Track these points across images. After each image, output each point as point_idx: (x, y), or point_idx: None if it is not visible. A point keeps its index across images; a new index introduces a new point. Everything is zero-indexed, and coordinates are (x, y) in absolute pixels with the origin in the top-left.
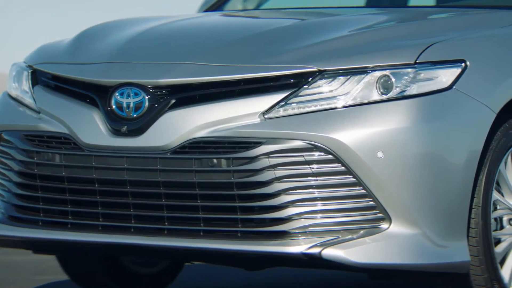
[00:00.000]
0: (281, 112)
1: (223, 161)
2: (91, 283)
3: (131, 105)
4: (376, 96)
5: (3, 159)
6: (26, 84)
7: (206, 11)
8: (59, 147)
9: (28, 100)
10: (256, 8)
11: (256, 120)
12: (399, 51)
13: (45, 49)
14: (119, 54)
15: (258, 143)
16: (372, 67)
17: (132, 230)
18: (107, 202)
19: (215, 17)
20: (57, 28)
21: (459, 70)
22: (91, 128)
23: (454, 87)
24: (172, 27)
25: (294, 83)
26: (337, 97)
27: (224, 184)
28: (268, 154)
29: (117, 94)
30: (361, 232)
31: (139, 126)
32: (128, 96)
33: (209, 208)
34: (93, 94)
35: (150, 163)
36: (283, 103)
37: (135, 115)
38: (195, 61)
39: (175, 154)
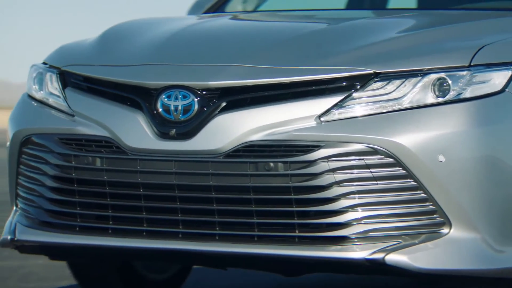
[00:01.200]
0: (337, 115)
1: (280, 165)
2: None
3: (179, 107)
4: (431, 98)
5: (33, 163)
6: (54, 86)
7: (206, 12)
8: (99, 150)
9: (58, 102)
10: (264, 10)
11: (312, 123)
12: (453, 54)
13: (68, 50)
14: (160, 56)
15: (317, 147)
16: (428, 70)
17: (180, 235)
18: (153, 207)
19: (240, 18)
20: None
21: (510, 73)
22: (136, 131)
23: (506, 90)
24: (205, 29)
25: (350, 86)
26: (394, 100)
27: (281, 189)
28: (328, 158)
29: (163, 96)
30: (422, 237)
31: (189, 129)
32: (176, 98)
33: (264, 213)
34: (136, 97)
35: (201, 167)
36: (339, 106)
37: (183, 118)
38: (245, 63)
39: (228, 157)
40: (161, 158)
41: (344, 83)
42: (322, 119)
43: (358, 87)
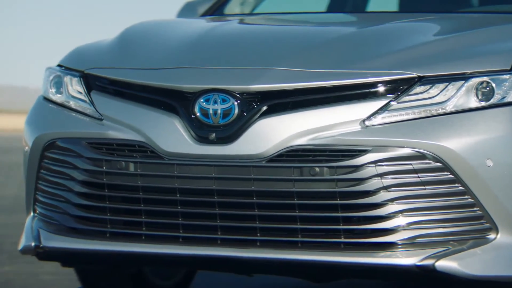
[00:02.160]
0: (382, 119)
1: (326, 170)
2: None
3: (219, 111)
4: (474, 102)
5: (58, 168)
6: (75, 90)
7: (204, 15)
8: (132, 155)
9: (84, 106)
10: (273, 13)
11: (357, 127)
12: (494, 57)
13: (86, 52)
14: (194, 59)
15: (364, 151)
16: (470, 73)
17: (219, 242)
18: (190, 212)
19: (261, 21)
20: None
21: None
22: (172, 136)
23: None
24: (231, 32)
25: (393, 89)
26: (438, 104)
27: (326, 194)
28: (375, 163)
29: (201, 100)
30: (470, 243)
31: (229, 133)
32: (215, 102)
33: (308, 218)
34: (171, 100)
35: (243, 172)
36: (383, 110)
37: (223, 122)
38: (284, 66)
39: (271, 162)
40: (200, 162)
41: (388, 87)
42: (366, 123)
43: (402, 91)
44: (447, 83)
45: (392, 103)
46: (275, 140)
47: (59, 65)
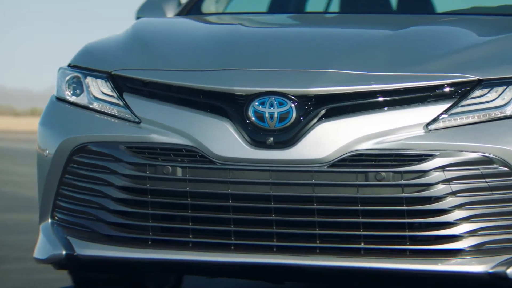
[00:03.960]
0: (444, 122)
1: (391, 175)
2: None
3: (275, 115)
4: None
5: (91, 173)
6: (102, 91)
7: (179, 14)
8: (179, 160)
9: (116, 108)
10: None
11: (420, 131)
12: None
13: (102, 51)
14: (238, 60)
15: (431, 156)
16: None
17: (275, 249)
18: (243, 219)
19: (293, 21)
20: None
21: None
22: (224, 140)
23: None
24: (264, 31)
25: (454, 93)
26: (499, 107)
27: (392, 199)
28: (443, 168)
29: (256, 103)
30: None
31: (288, 137)
32: (271, 105)
33: (372, 225)
34: (220, 103)
35: (303, 177)
36: (445, 113)
37: (279, 126)
38: (340, 68)
39: (333, 167)
40: (256, 167)
41: (449, 90)
42: (430, 127)
43: (463, 94)
44: (505, 86)
45: (454, 106)
46: (337, 144)
47: (74, 66)
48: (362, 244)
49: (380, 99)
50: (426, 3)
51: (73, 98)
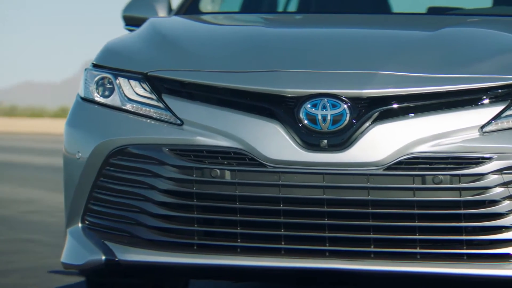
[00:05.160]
0: (498, 125)
1: (448, 178)
2: None
3: (328, 117)
4: None
5: (130, 177)
6: (138, 93)
7: (177, 14)
8: (227, 162)
9: (155, 110)
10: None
11: (475, 134)
12: None
13: (128, 51)
14: (283, 61)
15: (488, 159)
16: None
17: (327, 254)
18: (295, 223)
19: (315, 20)
20: None
21: None
22: (275, 142)
23: None
24: (300, 31)
25: (506, 95)
26: None
27: (449, 203)
28: (501, 171)
29: (308, 105)
30: None
31: (342, 140)
32: (324, 108)
33: (429, 229)
34: (269, 105)
35: (358, 180)
36: (500, 115)
37: (332, 129)
38: (392, 70)
39: (389, 170)
40: (309, 170)
41: (501, 92)
42: (484, 129)
43: None
44: None
45: (507, 108)
46: (393, 147)
47: (100, 66)
48: (418, 248)
49: (435, 101)
50: (384, 3)
51: (102, 99)
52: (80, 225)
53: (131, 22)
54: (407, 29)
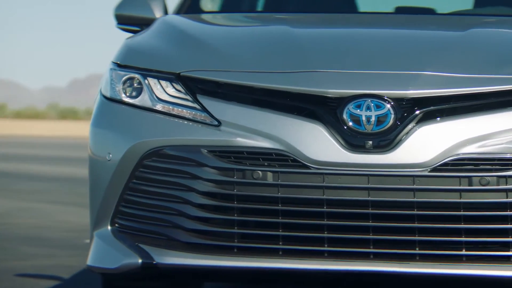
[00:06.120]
0: None
1: (495, 179)
2: None
3: (373, 118)
4: None
5: (166, 178)
6: (169, 93)
7: (178, 13)
8: (267, 164)
9: (189, 111)
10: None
11: None
12: None
13: (153, 50)
14: (322, 61)
15: None
16: None
17: (371, 256)
18: (338, 225)
19: (338, 19)
20: None
21: None
22: (319, 144)
23: None
24: (332, 31)
25: None
26: None
27: (495, 205)
28: None
29: (351, 106)
30: None
31: (387, 141)
32: (368, 108)
33: (475, 231)
34: (311, 106)
35: (403, 182)
36: None
37: (377, 130)
38: (435, 70)
39: (435, 172)
40: (354, 172)
41: None
42: None
43: None
44: None
45: None
46: (439, 148)
47: (126, 66)
48: (464, 250)
49: (479, 102)
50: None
51: (130, 100)
52: (109, 227)
53: (124, 21)
54: (437, 29)
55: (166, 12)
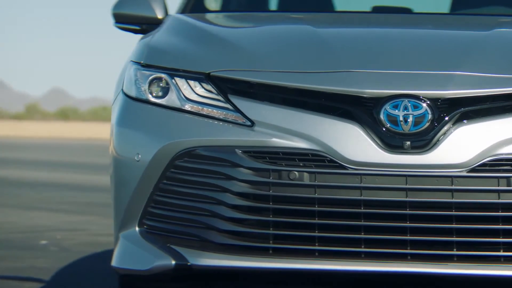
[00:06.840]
0: None
1: None
2: None
3: (410, 118)
4: None
5: (202, 179)
6: (198, 93)
7: (182, 12)
8: (303, 164)
9: (220, 111)
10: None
11: None
12: None
13: (179, 50)
14: (359, 61)
15: None
16: None
17: (409, 257)
18: (375, 226)
19: (360, 19)
20: None
21: None
22: (356, 144)
23: None
24: (359, 31)
25: None
26: None
27: None
28: None
29: (388, 106)
30: None
31: (425, 142)
32: (405, 108)
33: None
34: (347, 106)
35: (441, 183)
36: None
37: (414, 130)
38: (470, 70)
39: (473, 172)
40: (392, 173)
41: None
42: None
43: None
44: None
45: None
46: (477, 148)
47: (150, 65)
48: (502, 251)
49: None
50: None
51: (157, 100)
52: (137, 229)
53: (123, 19)
54: (458, 29)
55: (166, 11)
